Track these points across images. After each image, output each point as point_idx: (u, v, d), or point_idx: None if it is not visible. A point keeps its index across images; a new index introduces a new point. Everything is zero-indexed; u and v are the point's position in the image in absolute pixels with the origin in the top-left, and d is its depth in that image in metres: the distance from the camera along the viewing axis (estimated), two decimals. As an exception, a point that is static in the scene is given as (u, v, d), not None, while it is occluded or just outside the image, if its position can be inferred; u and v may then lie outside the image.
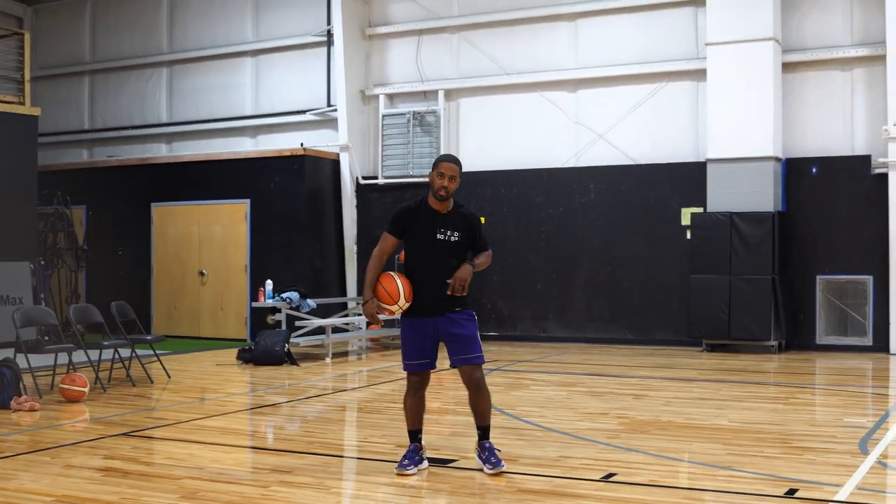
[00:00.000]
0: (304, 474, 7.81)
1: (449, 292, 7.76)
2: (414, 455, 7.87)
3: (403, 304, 7.76)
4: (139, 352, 13.80)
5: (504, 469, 7.69)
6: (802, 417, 10.92)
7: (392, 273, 7.87)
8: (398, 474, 7.67)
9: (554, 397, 12.23)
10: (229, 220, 20.97)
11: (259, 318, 19.34)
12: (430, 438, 9.41)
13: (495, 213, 20.26)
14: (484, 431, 7.98)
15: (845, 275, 17.68)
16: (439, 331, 7.88)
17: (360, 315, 19.22)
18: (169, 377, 13.98)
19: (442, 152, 20.54)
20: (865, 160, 17.65)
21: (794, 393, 12.77)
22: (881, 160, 17.35)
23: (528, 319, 20.02)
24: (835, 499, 6.92)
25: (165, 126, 24.11)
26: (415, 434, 7.99)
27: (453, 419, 10.96)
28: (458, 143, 21.05)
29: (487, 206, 20.29)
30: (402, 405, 8.21)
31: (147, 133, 24.27)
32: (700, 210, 18.24)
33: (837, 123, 18.09)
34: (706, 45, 18.15)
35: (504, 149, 20.49)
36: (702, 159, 18.40)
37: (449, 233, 7.84)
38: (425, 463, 7.96)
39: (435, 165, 7.79)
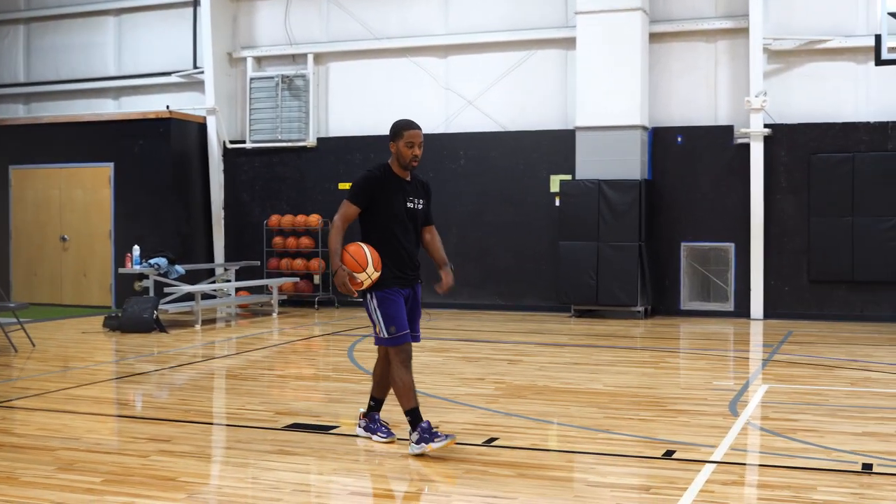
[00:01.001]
0: (184, 443, 7.70)
1: (439, 291, 7.84)
2: (433, 430, 7.27)
3: (372, 272, 7.39)
4: (0, 319, 13.40)
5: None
6: (673, 381, 11.19)
7: (359, 242, 7.56)
8: (449, 444, 7.17)
9: (430, 363, 12.27)
10: (92, 185, 20.44)
11: (124, 285, 18.96)
12: (309, 405, 9.38)
13: (365, 178, 20.14)
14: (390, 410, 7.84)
15: (708, 242, 18.13)
16: (410, 303, 7.68)
17: (228, 281, 18.98)
18: (34, 346, 13.61)
19: (310, 117, 20.40)
20: (728, 130, 18.10)
21: (663, 357, 13.07)
22: (743, 130, 17.81)
23: (398, 285, 20.00)
24: (711, 459, 7.11)
25: (23, 86, 23.33)
26: (417, 411, 7.38)
27: (327, 385, 10.91)
28: (328, 107, 20.89)
29: (357, 171, 20.01)
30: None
31: (3, 93, 23.47)
32: (568, 177, 18.46)
33: (702, 94, 18.50)
34: (575, 13, 18.31)
35: (374, 114, 20.39)
36: (570, 127, 18.62)
37: (417, 201, 7.70)
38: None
39: (400, 134, 7.55)
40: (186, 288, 16.66)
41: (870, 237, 17.12)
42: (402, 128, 7.59)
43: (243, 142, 21.18)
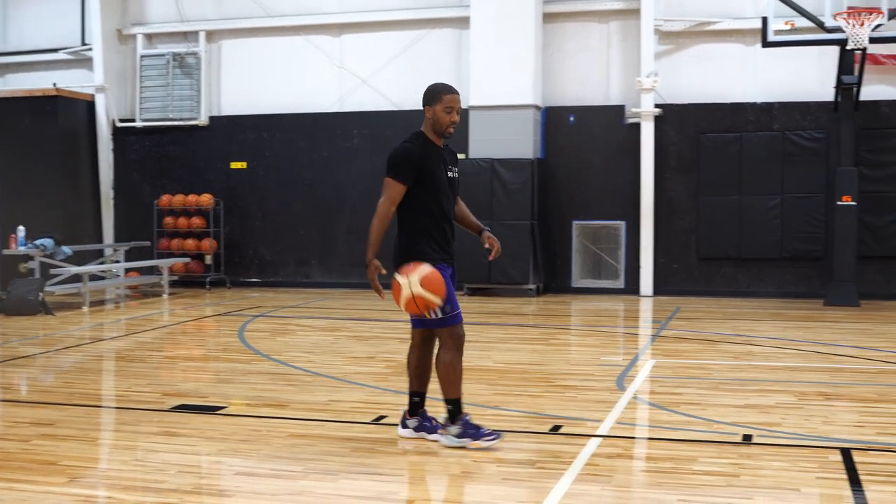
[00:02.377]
0: (67, 426, 7.56)
1: (490, 258, 7.27)
2: (479, 427, 6.79)
3: (406, 282, 6.64)
4: None
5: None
6: (563, 357, 11.33)
7: (432, 268, 6.70)
8: (495, 443, 6.71)
9: (320, 342, 12.25)
10: (-25, 163, 19.92)
11: (8, 267, 18.49)
12: (198, 386, 9.29)
13: (257, 157, 20.02)
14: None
15: (600, 220, 18.35)
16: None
17: (117, 262, 18.67)
18: (-87, 328, 13.28)
19: (202, 95, 20.15)
20: (620, 110, 18.32)
21: (553, 334, 13.21)
22: (634, 110, 18.05)
23: (291, 265, 19.93)
24: (596, 433, 7.21)
25: None
26: (461, 401, 6.89)
27: (217, 366, 10.82)
28: (220, 86, 20.64)
29: (249, 150, 20.05)
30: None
31: None
32: (462, 156, 18.48)
33: (594, 74, 18.69)
34: (469, -8, 18.40)
35: (267, 93, 20.21)
36: (464, 106, 18.65)
37: (454, 169, 7.07)
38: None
39: (438, 98, 6.88)
40: (73, 269, 16.36)
41: (756, 215, 17.50)
42: (441, 91, 6.91)
43: (133, 120, 20.84)
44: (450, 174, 6.99)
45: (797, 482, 5.99)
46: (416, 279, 6.60)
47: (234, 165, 20.13)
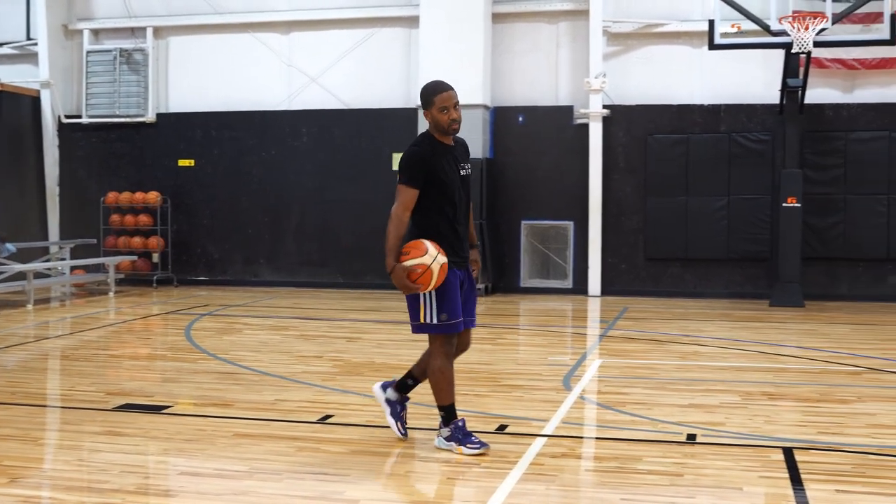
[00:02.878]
0: (9, 426, 7.46)
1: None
2: (470, 434, 6.74)
3: (435, 253, 6.43)
4: None
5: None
6: (510, 357, 11.35)
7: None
8: (478, 454, 6.60)
9: (268, 341, 12.19)
10: (-82, 159, 19.65)
11: (-48, 263, 18.31)
12: (143, 385, 9.22)
13: (205, 155, 19.89)
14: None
15: (548, 220, 18.42)
16: (464, 286, 6.82)
17: (63, 259, 18.48)
18: None
19: (150, 92, 19.99)
20: (568, 110, 18.39)
21: (501, 334, 13.24)
22: (583, 111, 18.14)
23: (239, 263, 19.82)
24: (542, 433, 7.23)
25: None
26: (454, 407, 6.83)
27: (163, 365, 10.74)
28: (168, 82, 20.49)
29: (197, 148, 19.92)
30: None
31: None
32: (411, 156, 18.47)
33: (543, 74, 18.75)
34: (419, -9, 18.39)
35: (216, 90, 20.09)
36: (413, 105, 18.64)
37: (466, 166, 6.83)
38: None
39: (430, 101, 6.63)
40: (18, 266, 16.17)
41: (702, 216, 17.65)
42: (431, 93, 6.64)
43: (80, 116, 20.62)
44: (462, 172, 6.79)
45: (740, 481, 6.05)
46: (438, 255, 6.44)
47: (182, 163, 19.99)
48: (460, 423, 6.74)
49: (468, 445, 6.65)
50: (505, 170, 18.55)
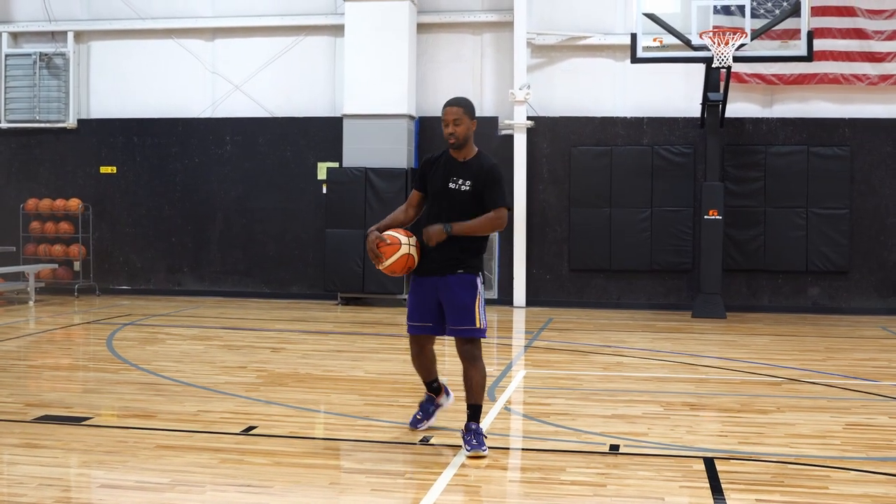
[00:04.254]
0: (-77, 437, 7.34)
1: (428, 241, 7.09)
2: (428, 406, 7.73)
3: (412, 242, 7.11)
4: None
5: (483, 454, 6.92)
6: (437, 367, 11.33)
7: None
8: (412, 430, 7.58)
9: (190, 351, 12.07)
10: None
11: None
12: (63, 396, 9.08)
13: (127, 162, 19.65)
14: (473, 411, 7.14)
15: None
16: (440, 294, 7.14)
17: (-20, 267, 18.16)
18: None
19: (70, 97, 19.74)
20: (493, 121, 18.45)
21: (425, 344, 13.22)
22: (507, 122, 18.22)
23: (162, 272, 19.59)
24: (466, 444, 7.25)
25: None
26: (430, 384, 7.71)
27: (84, 375, 10.58)
28: (89, 88, 20.21)
29: (119, 155, 19.66)
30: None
31: None
32: (336, 165, 18.46)
33: (468, 85, 18.79)
34: (344, 1, 18.31)
35: (138, 96, 19.85)
36: (338, 114, 18.60)
37: (461, 181, 7.04)
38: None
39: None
40: (-66, 274, 15.86)
41: (626, 228, 17.81)
42: (444, 105, 7.17)
43: (-2, 122, 20.30)
44: (451, 185, 7.07)
45: (662, 491, 6.12)
46: (412, 247, 7.16)
47: (104, 170, 19.73)
48: (425, 399, 7.82)
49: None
50: (430, 180, 18.53)
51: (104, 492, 6.06)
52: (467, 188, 7.06)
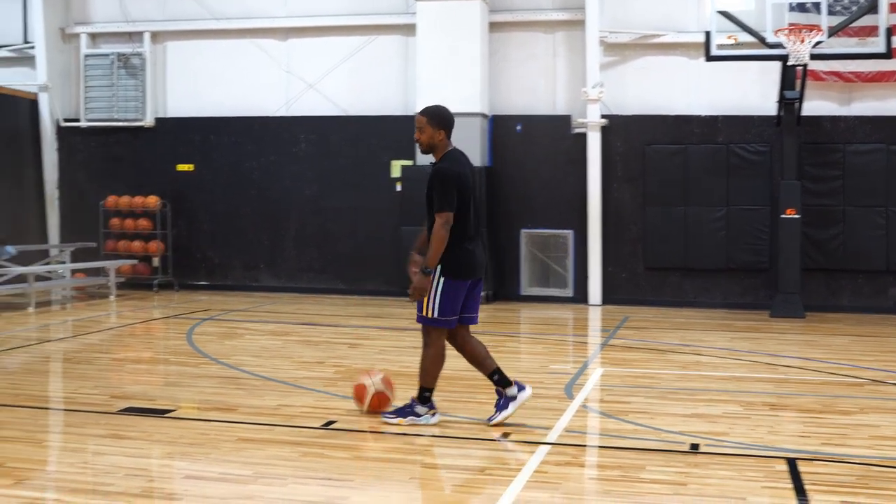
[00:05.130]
0: (13, 428, 7.47)
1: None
2: (499, 399, 7.87)
3: (370, 381, 8.05)
4: None
5: (388, 421, 7.74)
6: (512, 364, 11.25)
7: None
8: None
9: (269, 346, 12.20)
10: (-83, 162, 19.62)
11: (-49, 266, 18.27)
12: (146, 389, 9.22)
13: (204, 161, 19.88)
14: (418, 388, 7.85)
15: (547, 229, 18.41)
16: None
17: (63, 262, 18.44)
18: None
19: (147, 96, 20.02)
20: (566, 120, 18.40)
21: (502, 341, 13.23)
22: (580, 120, 18.15)
23: (239, 269, 19.79)
24: (545, 440, 7.24)
25: None
26: (490, 378, 7.92)
27: (165, 369, 10.74)
28: (166, 87, 20.47)
29: (196, 153, 19.90)
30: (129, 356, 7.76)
31: None
32: (409, 163, 18.51)
33: (541, 83, 18.76)
34: (416, 0, 18.36)
35: (214, 95, 20.07)
36: (411, 113, 18.63)
37: (427, 187, 7.61)
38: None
39: None
40: (18, 269, 16.16)
41: (701, 226, 17.65)
42: None
43: (78, 120, 20.60)
44: (427, 191, 7.59)
45: (743, 491, 6.06)
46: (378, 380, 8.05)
47: (181, 167, 19.98)
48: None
49: (411, 417, 7.76)
50: (504, 178, 18.55)
51: (189, 483, 6.14)
52: (426, 192, 7.59)
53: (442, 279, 7.54)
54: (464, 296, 7.69)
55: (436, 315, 7.55)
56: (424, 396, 7.75)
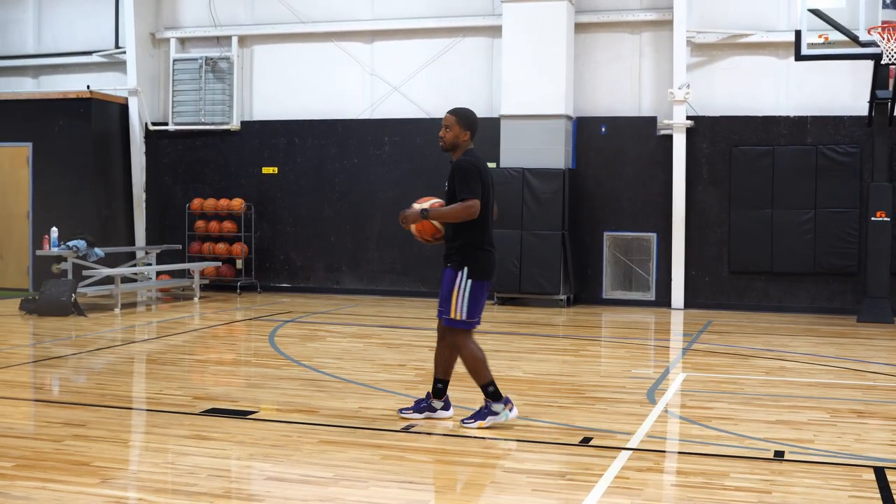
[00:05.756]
0: (99, 427, 7.61)
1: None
2: (421, 402, 8.09)
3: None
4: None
5: (406, 417, 7.95)
6: (593, 369, 11.31)
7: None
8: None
9: (350, 349, 12.28)
10: (10, 165, 20.06)
11: (42, 267, 18.62)
12: (228, 390, 9.34)
13: (288, 163, 20.08)
14: (434, 384, 8.03)
15: (631, 232, 18.31)
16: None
17: (149, 265, 18.76)
18: (-54, 327, 13.39)
19: (234, 100, 20.26)
20: (652, 121, 18.27)
21: (583, 345, 13.19)
22: (666, 122, 18.00)
23: (321, 271, 19.96)
24: (627, 446, 7.20)
25: (-61, 63, 22.87)
26: (435, 381, 8.09)
27: (247, 370, 10.87)
28: (252, 90, 20.73)
29: (281, 156, 20.11)
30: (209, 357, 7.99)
31: (-82, 70, 22.98)
32: (493, 165, 18.50)
33: (626, 85, 18.65)
34: (501, 1, 18.35)
35: (299, 98, 20.28)
36: (496, 115, 18.65)
37: (447, 182, 7.89)
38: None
39: None
40: (106, 271, 16.46)
41: (788, 229, 17.40)
42: None
43: (166, 124, 20.92)
44: (446, 186, 7.94)
45: (829, 500, 5.96)
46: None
47: (266, 170, 20.21)
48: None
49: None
50: (587, 180, 18.49)
51: (271, 484, 6.20)
52: (446, 187, 7.88)
53: (469, 281, 7.78)
54: (486, 297, 7.95)
55: (464, 317, 7.77)
56: (490, 391, 7.80)
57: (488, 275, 7.88)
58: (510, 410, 7.79)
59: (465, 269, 7.78)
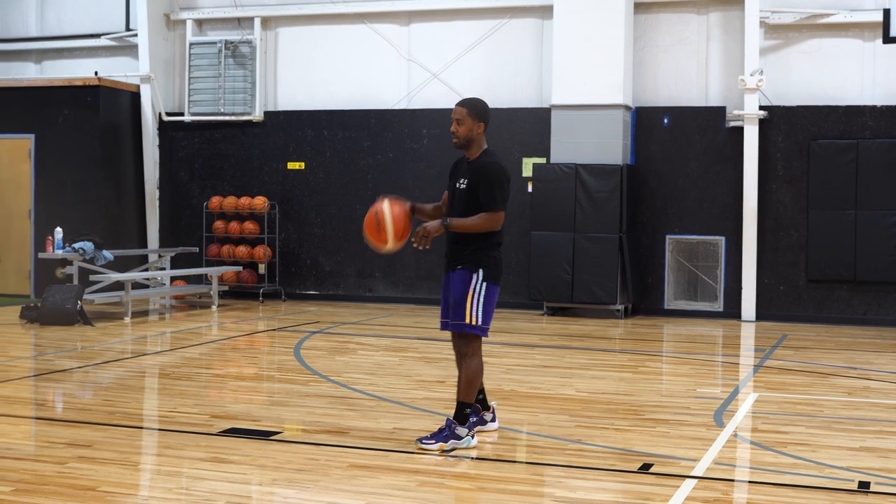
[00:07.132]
0: (106, 448, 7.66)
1: (414, 242, 7.93)
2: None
3: (390, 242, 8.07)
4: None
5: (427, 447, 7.71)
6: (653, 387, 11.26)
7: (400, 204, 8.05)
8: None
9: (384, 363, 12.30)
10: (9, 158, 20.27)
11: (46, 272, 18.82)
12: (249, 409, 9.37)
13: (317, 157, 20.14)
14: (456, 407, 7.91)
15: (696, 235, 18.23)
16: (446, 289, 8.17)
17: (163, 269, 18.88)
18: (-60, 337, 13.53)
19: (257, 88, 20.33)
20: (720, 112, 18.19)
21: (643, 361, 13.14)
22: (736, 112, 17.91)
23: (352, 277, 20.00)
24: (691, 474, 7.16)
25: (-66, 47, 23.14)
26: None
27: (270, 386, 10.90)
28: (276, 78, 20.81)
29: (308, 150, 20.18)
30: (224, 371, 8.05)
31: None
32: (543, 161, 18.50)
33: (691, 71, 18.58)
34: (554, -21, 18.38)
35: (328, 86, 20.35)
36: (546, 105, 18.64)
37: (462, 181, 7.96)
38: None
39: None
40: (115, 276, 16.57)
41: (874, 233, 17.26)
42: None
43: (181, 114, 21.06)
44: (457, 185, 8.01)
45: (921, 536, 5.91)
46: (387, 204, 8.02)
47: (292, 166, 20.28)
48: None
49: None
50: (647, 178, 18.43)
51: (295, 513, 6.23)
52: (463, 186, 7.95)
53: (485, 284, 7.89)
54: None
55: (479, 322, 7.87)
56: (464, 415, 7.82)
57: (500, 278, 8.03)
58: (472, 438, 7.84)
59: (481, 272, 7.88)
